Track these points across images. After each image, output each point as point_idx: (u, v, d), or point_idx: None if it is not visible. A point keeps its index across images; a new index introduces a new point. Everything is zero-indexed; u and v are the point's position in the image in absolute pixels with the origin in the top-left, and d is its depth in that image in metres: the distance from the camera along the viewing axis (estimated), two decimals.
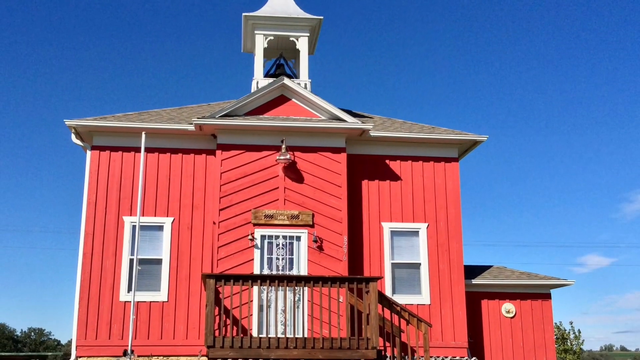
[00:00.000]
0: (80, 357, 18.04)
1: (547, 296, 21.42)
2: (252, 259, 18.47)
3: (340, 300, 16.55)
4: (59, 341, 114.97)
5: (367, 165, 20.33)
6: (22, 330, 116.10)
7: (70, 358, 18.44)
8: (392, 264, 19.76)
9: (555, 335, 34.83)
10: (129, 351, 15.66)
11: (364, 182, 20.16)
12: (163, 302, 18.59)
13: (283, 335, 15.60)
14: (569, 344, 38.66)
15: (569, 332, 39.13)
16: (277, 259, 18.62)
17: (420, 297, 19.63)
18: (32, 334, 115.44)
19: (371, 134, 19.83)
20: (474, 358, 19.46)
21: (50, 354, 20.39)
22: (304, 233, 18.83)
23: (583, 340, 39.38)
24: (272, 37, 21.68)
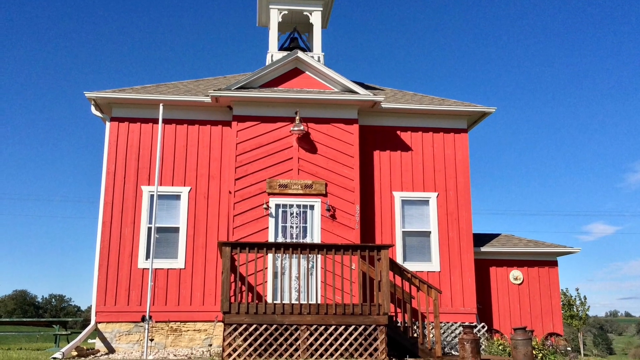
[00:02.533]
0: (99, 322, 17.91)
1: (554, 263, 21.47)
2: (267, 227, 18.31)
3: (352, 267, 16.37)
4: (79, 307, 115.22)
5: (379, 136, 20.20)
6: (43, 296, 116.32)
7: (89, 324, 18.30)
8: (403, 232, 19.64)
9: (562, 301, 34.71)
10: (147, 317, 15.47)
11: (376, 153, 19.99)
12: (180, 269, 18.46)
13: (297, 302, 15.38)
14: (575, 310, 38.56)
15: (575, 299, 39.05)
16: (291, 227, 18.45)
17: (430, 265, 19.52)
18: (53, 300, 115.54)
19: (382, 105, 19.68)
20: (482, 324, 19.30)
21: (70, 319, 20.30)
22: (317, 202, 18.65)
23: (589, 306, 39.33)
24: (286, 12, 21.56)
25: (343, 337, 14.97)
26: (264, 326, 14.79)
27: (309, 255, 15.79)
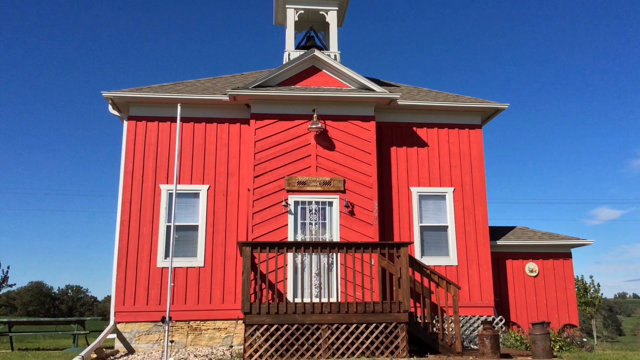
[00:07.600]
0: (118, 322, 17.22)
1: (568, 255, 21.15)
2: (286, 224, 17.64)
3: (372, 263, 15.95)
4: (96, 297, 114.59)
5: (395, 133, 19.68)
6: (59, 287, 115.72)
7: (108, 317, 17.72)
8: (421, 226, 19.11)
9: (578, 286, 34.70)
10: (167, 318, 14.75)
11: (393, 149, 19.43)
12: (199, 267, 17.77)
13: (317, 300, 14.78)
14: (589, 296, 38.74)
15: (590, 285, 39.36)
16: (310, 223, 17.81)
17: (448, 259, 19.00)
18: (70, 291, 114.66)
19: (398, 102, 19.13)
20: (500, 317, 18.76)
21: (89, 318, 19.99)
22: (335, 198, 18.01)
23: (602, 294, 39.66)
24: (302, 11, 21.20)
25: (364, 335, 14.29)
26: (285, 326, 14.10)
27: (329, 252, 15.22)
